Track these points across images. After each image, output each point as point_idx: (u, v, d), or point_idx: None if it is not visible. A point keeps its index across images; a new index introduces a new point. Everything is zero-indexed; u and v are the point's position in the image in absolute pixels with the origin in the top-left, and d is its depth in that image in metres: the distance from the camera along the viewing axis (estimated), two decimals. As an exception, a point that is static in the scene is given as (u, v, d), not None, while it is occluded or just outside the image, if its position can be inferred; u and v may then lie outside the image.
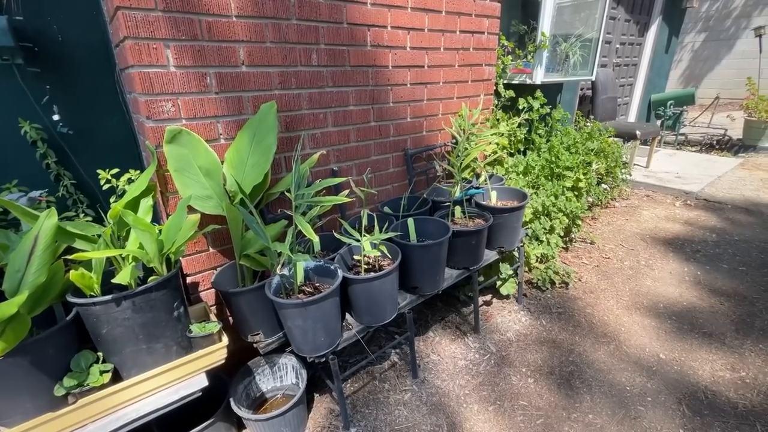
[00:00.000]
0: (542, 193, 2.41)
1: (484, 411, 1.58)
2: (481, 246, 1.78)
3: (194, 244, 1.47)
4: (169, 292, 1.10)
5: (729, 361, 1.77)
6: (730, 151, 5.24)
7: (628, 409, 1.56)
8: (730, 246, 2.75)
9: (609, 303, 2.21)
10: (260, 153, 1.39)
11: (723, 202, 3.48)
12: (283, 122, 1.55)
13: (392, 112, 1.90)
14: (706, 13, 8.22)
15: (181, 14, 1.23)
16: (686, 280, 2.39)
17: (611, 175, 3.39)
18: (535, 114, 2.79)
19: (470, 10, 2.04)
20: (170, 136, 1.28)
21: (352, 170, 1.84)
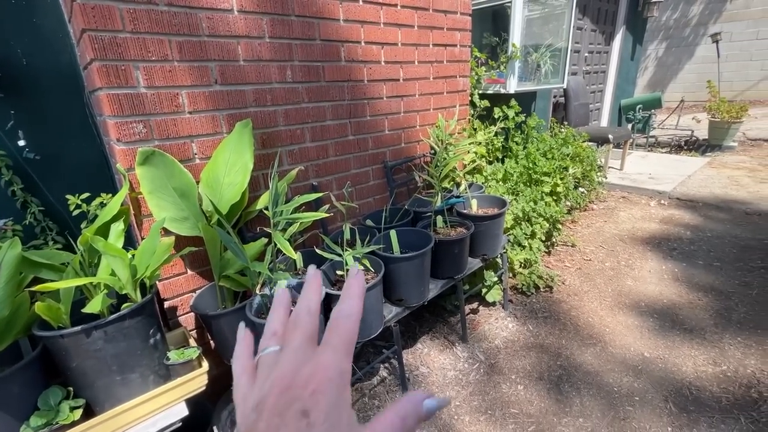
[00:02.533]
0: (522, 199, 2.45)
1: (475, 422, 1.56)
2: (464, 254, 1.79)
3: (171, 268, 1.42)
4: (144, 319, 1.06)
5: (710, 355, 1.81)
6: (698, 151, 5.47)
7: (616, 410, 1.57)
8: (704, 242, 2.85)
9: (593, 304, 2.24)
10: (237, 171, 1.37)
11: (695, 200, 3.61)
12: (260, 139, 1.54)
13: (370, 125, 1.91)
14: (666, 23, 8.66)
15: (151, 35, 1.22)
16: (665, 278, 2.45)
17: (588, 178, 3.48)
18: (511, 122, 2.85)
19: (442, 24, 2.09)
20: (142, 158, 1.25)
21: (332, 184, 1.83)
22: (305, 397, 0.21)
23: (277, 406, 0.21)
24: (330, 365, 0.22)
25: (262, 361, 0.26)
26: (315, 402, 0.20)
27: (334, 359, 0.22)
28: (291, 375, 0.22)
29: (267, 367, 0.25)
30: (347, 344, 0.23)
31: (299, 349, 0.24)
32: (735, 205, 3.43)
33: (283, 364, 0.23)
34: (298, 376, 0.22)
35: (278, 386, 0.22)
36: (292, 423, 0.20)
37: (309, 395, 0.21)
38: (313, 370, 0.22)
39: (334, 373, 0.22)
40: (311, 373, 0.22)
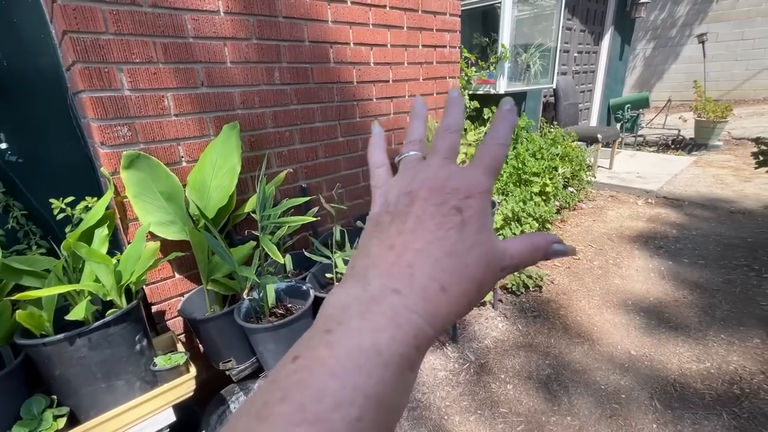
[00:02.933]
0: (511, 200, 2.47)
1: (465, 422, 1.57)
2: (454, 255, 1.80)
3: (158, 272, 1.41)
4: (129, 325, 1.05)
5: (694, 352, 1.84)
6: (684, 150, 5.56)
7: (604, 407, 1.60)
8: (689, 241, 2.90)
9: (581, 303, 2.27)
10: (224, 174, 1.36)
11: (681, 199, 3.67)
12: (248, 142, 1.53)
13: (360, 126, 1.91)
14: (654, 23, 8.78)
15: (135, 37, 1.20)
16: (651, 276, 2.49)
17: (577, 178, 3.52)
18: (501, 123, 2.87)
19: (431, 26, 2.09)
20: (128, 162, 1.23)
21: (322, 186, 1.83)
22: (459, 198, 0.22)
23: (432, 198, 0.22)
24: (481, 180, 0.23)
25: (405, 161, 0.27)
26: (468, 205, 0.22)
27: (484, 176, 0.23)
28: (443, 179, 0.23)
29: (411, 168, 0.26)
30: (496, 167, 0.24)
31: (447, 160, 0.25)
32: (720, 203, 3.50)
33: (432, 168, 0.24)
34: (450, 181, 0.23)
35: (430, 184, 0.23)
36: (448, 215, 0.21)
37: (462, 198, 0.22)
38: (465, 180, 0.23)
39: (485, 188, 0.23)
40: (464, 182, 0.23)
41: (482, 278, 0.21)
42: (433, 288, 0.20)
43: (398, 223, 0.23)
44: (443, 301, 0.20)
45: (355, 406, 0.16)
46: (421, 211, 0.22)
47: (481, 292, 0.21)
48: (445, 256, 0.20)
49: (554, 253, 0.25)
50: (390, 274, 0.20)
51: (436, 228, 0.21)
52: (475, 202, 0.22)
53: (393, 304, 0.19)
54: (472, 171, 0.23)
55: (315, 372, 0.17)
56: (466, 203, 0.22)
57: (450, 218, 0.21)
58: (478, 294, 0.21)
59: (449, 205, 0.22)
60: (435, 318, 0.19)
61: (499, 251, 0.22)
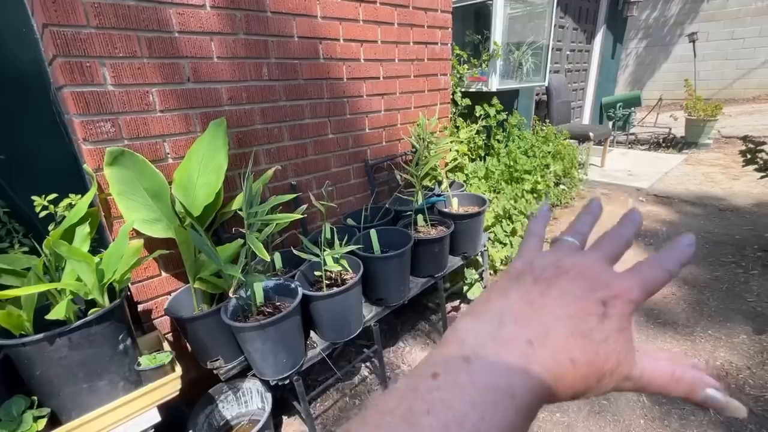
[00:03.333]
0: (503, 197, 2.47)
1: (455, 419, 1.57)
2: (445, 253, 1.80)
3: (144, 270, 1.39)
4: (112, 324, 1.03)
5: (682, 348, 1.86)
6: (675, 148, 5.61)
7: (592, 404, 1.61)
8: (678, 238, 2.92)
9: (571, 300, 2.28)
10: (210, 171, 1.34)
11: (671, 197, 3.71)
12: (235, 138, 1.51)
13: (350, 123, 1.90)
14: (646, 22, 8.84)
15: (117, 31, 1.18)
16: (641, 273, 2.51)
17: (569, 176, 3.53)
18: (493, 120, 2.88)
19: (422, 22, 2.08)
20: (111, 158, 1.21)
21: (311, 184, 1.82)
22: (607, 294, 0.22)
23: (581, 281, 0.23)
24: (633, 290, 0.23)
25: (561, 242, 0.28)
26: (613, 304, 0.22)
27: (637, 289, 0.23)
28: (596, 271, 0.24)
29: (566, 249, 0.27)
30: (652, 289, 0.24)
31: (606, 258, 0.25)
32: (709, 201, 3.54)
33: (588, 258, 0.25)
34: (603, 275, 0.23)
35: (582, 269, 0.24)
36: (592, 302, 0.22)
37: (610, 295, 0.22)
38: (618, 281, 0.23)
39: (634, 299, 0.23)
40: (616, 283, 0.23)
41: (606, 373, 0.21)
42: (564, 355, 0.20)
43: (542, 286, 0.23)
44: (570, 371, 0.20)
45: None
46: (568, 286, 0.23)
47: (599, 385, 0.21)
48: (580, 334, 0.21)
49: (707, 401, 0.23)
50: (526, 325, 0.21)
51: (578, 308, 0.22)
52: (621, 304, 0.22)
53: (526, 353, 0.20)
54: (629, 278, 0.24)
55: (457, 397, 0.18)
56: (612, 301, 0.22)
57: (593, 306, 0.22)
58: (597, 385, 0.21)
59: (596, 295, 0.22)
60: (558, 383, 0.20)
61: (632, 359, 0.22)
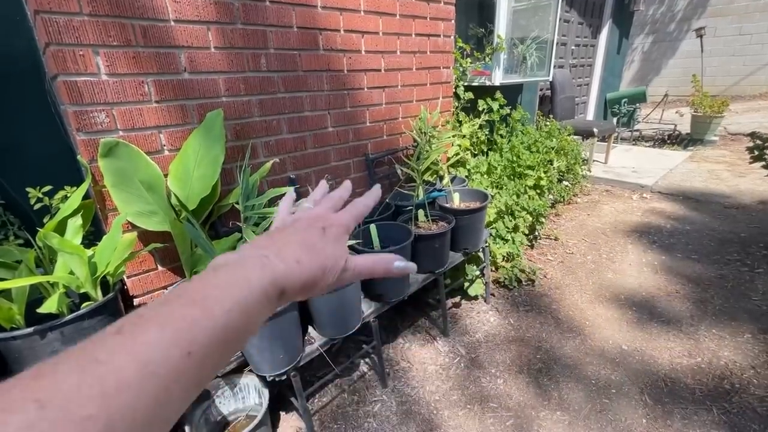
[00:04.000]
0: (505, 193, 2.44)
1: (454, 416, 1.55)
2: (445, 249, 1.77)
3: (140, 263, 1.37)
4: (106, 318, 1.02)
5: (686, 347, 1.83)
6: (680, 145, 5.55)
7: (594, 402, 1.59)
8: (682, 235, 2.89)
9: (574, 297, 2.26)
10: (207, 164, 1.31)
11: (675, 194, 3.66)
12: (233, 130, 1.48)
13: (350, 116, 1.87)
14: (653, 17, 8.72)
15: (111, 18, 1.15)
16: (644, 271, 2.48)
17: (572, 172, 3.49)
18: (496, 115, 2.84)
19: (425, 13, 2.04)
20: (105, 149, 1.19)
21: (311, 177, 1.79)
22: (326, 224, 0.34)
23: (309, 221, 0.34)
24: (345, 219, 0.36)
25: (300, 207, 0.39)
26: (330, 228, 0.34)
27: (348, 218, 0.36)
28: (320, 214, 0.36)
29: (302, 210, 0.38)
30: (357, 216, 0.37)
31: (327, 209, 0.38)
32: (714, 198, 3.49)
33: (315, 209, 0.37)
34: (325, 215, 0.36)
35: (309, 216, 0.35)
36: (314, 231, 0.33)
37: (328, 224, 0.34)
38: (335, 216, 0.36)
39: (345, 223, 0.36)
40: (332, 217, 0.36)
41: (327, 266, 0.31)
42: (291, 259, 0.29)
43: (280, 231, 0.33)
44: (296, 269, 0.29)
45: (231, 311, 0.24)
46: (299, 226, 0.33)
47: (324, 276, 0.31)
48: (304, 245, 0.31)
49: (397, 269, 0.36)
50: (264, 248, 0.29)
51: (306, 234, 0.32)
52: (336, 229, 0.34)
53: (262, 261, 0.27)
54: (341, 213, 0.37)
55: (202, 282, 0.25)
56: (330, 228, 0.34)
57: (316, 231, 0.33)
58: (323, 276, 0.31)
59: (318, 224, 0.34)
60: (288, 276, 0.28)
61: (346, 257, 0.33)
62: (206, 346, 0.21)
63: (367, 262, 0.34)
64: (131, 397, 0.17)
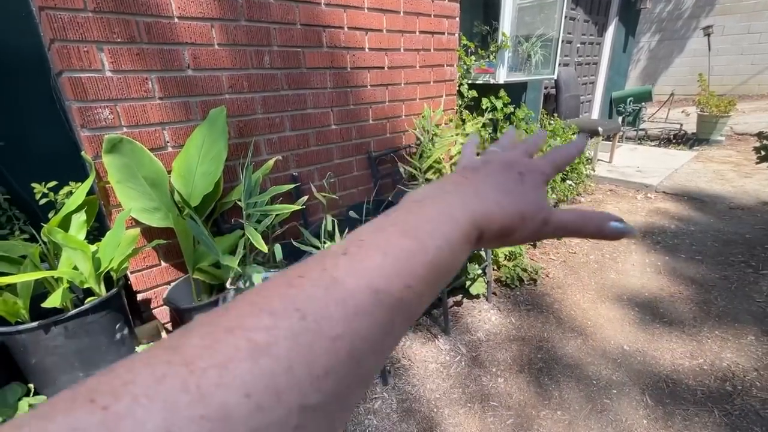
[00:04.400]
0: (508, 192, 2.43)
1: (454, 414, 1.56)
2: (447, 247, 1.77)
3: (144, 259, 1.38)
4: (109, 313, 1.03)
5: (688, 348, 1.83)
6: (686, 145, 5.50)
7: (594, 402, 1.58)
8: (687, 236, 2.87)
9: (576, 297, 2.25)
10: (210, 161, 1.32)
11: (680, 194, 3.64)
12: (236, 127, 1.49)
13: (353, 114, 1.87)
14: (659, 15, 8.63)
15: (115, 15, 1.15)
16: (648, 271, 2.47)
17: (576, 171, 3.48)
18: (500, 113, 2.82)
19: (429, 11, 2.03)
20: (110, 146, 1.20)
21: (313, 175, 1.79)
22: (523, 169, 0.29)
23: (503, 166, 0.29)
24: (545, 166, 0.31)
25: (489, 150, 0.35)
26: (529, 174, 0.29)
27: (548, 165, 0.31)
28: (515, 158, 0.31)
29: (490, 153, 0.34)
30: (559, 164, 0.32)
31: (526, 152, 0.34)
32: (719, 199, 3.47)
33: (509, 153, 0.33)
34: (520, 159, 0.31)
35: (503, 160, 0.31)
36: (512, 173, 0.29)
37: (526, 170, 0.29)
38: (533, 162, 0.31)
39: (545, 171, 0.30)
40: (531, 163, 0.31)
41: (527, 215, 0.27)
42: (491, 200, 0.26)
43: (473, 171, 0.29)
44: (496, 210, 0.26)
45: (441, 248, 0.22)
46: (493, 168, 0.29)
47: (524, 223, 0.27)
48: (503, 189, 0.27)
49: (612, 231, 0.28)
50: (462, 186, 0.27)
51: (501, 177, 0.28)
52: (535, 175, 0.29)
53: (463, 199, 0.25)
54: (541, 160, 0.32)
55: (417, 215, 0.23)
56: (527, 172, 0.29)
57: (513, 175, 0.28)
58: (521, 222, 0.27)
59: (515, 169, 0.29)
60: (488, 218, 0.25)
61: (548, 209, 0.28)
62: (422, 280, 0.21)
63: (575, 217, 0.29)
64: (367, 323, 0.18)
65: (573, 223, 0.28)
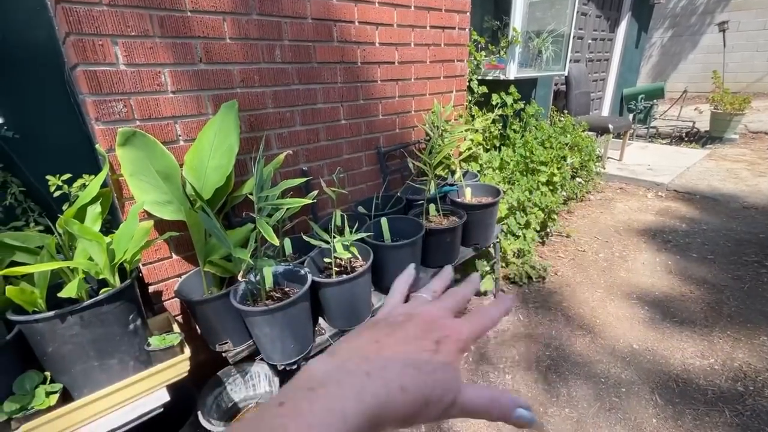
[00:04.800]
0: (517, 189, 2.42)
1: (462, 410, 1.56)
2: (456, 243, 1.77)
3: (155, 252, 1.40)
4: (123, 304, 1.04)
5: (699, 348, 1.81)
6: (698, 143, 5.41)
7: (603, 400, 1.58)
8: (698, 235, 2.83)
9: (585, 295, 2.23)
10: (222, 154, 1.33)
11: (692, 193, 3.59)
12: (247, 122, 1.49)
13: (363, 109, 1.86)
14: (673, 10, 8.48)
15: (130, 9, 1.16)
16: (658, 270, 2.44)
17: (585, 168, 3.44)
18: (510, 109, 2.80)
19: (440, 5, 2.01)
20: (123, 139, 1.21)
21: (323, 170, 1.80)
22: (442, 335, 0.28)
23: (422, 325, 0.28)
24: (464, 333, 0.29)
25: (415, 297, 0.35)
26: (445, 344, 0.27)
27: (468, 333, 0.29)
28: (438, 318, 0.30)
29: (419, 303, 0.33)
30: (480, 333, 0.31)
31: (448, 310, 0.32)
32: (732, 198, 3.41)
33: (434, 308, 0.31)
34: (442, 320, 0.29)
35: (427, 317, 0.30)
36: (427, 342, 0.27)
37: (444, 335, 0.28)
38: (454, 326, 0.29)
39: (463, 340, 0.29)
40: (451, 327, 0.29)
41: (432, 399, 0.25)
42: (395, 384, 0.24)
43: (391, 329, 0.28)
44: (399, 398, 0.23)
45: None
46: (412, 329, 0.28)
47: (427, 408, 0.25)
48: (413, 367, 0.25)
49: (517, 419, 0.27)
50: (369, 360, 0.25)
51: (415, 346, 0.27)
52: (451, 342, 0.28)
53: (363, 382, 0.23)
54: (463, 324, 0.30)
55: (295, 420, 0.21)
56: (445, 340, 0.28)
57: (428, 344, 0.27)
58: (426, 410, 0.25)
59: (432, 335, 0.28)
60: (389, 408, 0.23)
61: (457, 389, 0.26)
62: None
63: (482, 399, 0.27)
64: None
65: (480, 406, 0.26)
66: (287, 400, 0.22)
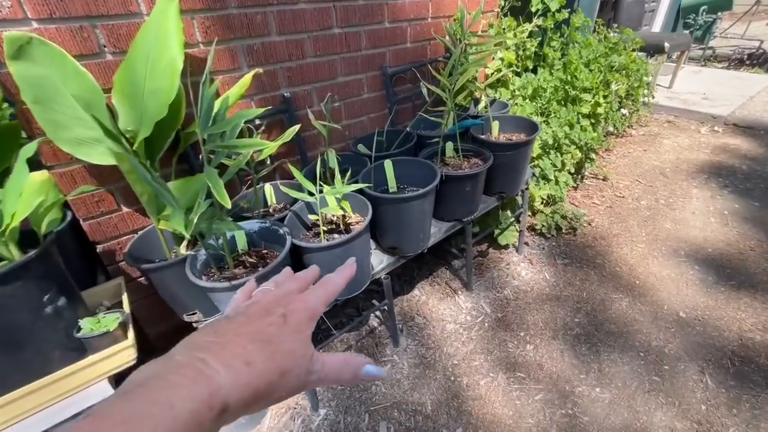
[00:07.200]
0: (554, 122, 1.99)
1: (474, 385, 1.36)
2: (478, 192, 1.43)
3: (97, 204, 1.11)
4: (30, 282, 0.78)
5: (760, 319, 1.53)
6: (762, 67, 4.63)
7: (641, 379, 1.35)
8: (762, 180, 2.41)
9: (622, 251, 1.92)
10: (161, 73, 0.96)
11: (755, 128, 3.06)
12: (201, 27, 1.09)
13: (363, 13, 1.41)
14: None
15: None
16: (712, 222, 2.09)
17: (632, 97, 2.90)
18: (550, 20, 2.23)
19: None
20: (14, 49, 0.85)
21: (311, 96, 1.41)
22: (287, 309, 0.28)
23: (266, 307, 0.28)
24: (310, 302, 0.30)
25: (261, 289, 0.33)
26: (292, 314, 0.28)
27: (314, 301, 0.30)
28: (281, 296, 0.30)
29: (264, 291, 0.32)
30: (327, 299, 0.31)
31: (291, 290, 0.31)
32: (805, 134, 2.89)
33: (276, 291, 0.31)
34: (286, 298, 0.30)
35: (270, 299, 0.29)
36: (273, 318, 0.27)
37: (290, 309, 0.28)
38: (297, 299, 0.30)
39: (311, 308, 0.29)
40: (296, 300, 0.29)
41: (287, 368, 0.25)
42: (239, 361, 0.23)
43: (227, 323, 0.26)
44: (244, 374, 0.23)
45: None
46: (254, 310, 0.28)
47: (282, 380, 0.24)
48: (259, 341, 0.25)
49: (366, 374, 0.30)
50: (201, 348, 0.23)
51: (261, 323, 0.26)
52: (299, 314, 0.28)
53: (198, 369, 0.22)
54: (308, 295, 0.31)
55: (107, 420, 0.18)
56: (292, 314, 0.28)
57: (275, 318, 0.27)
58: (280, 379, 0.24)
59: (278, 310, 0.28)
60: (234, 386, 0.22)
61: (312, 356, 0.27)
62: None
63: (336, 362, 0.28)
64: None
65: (336, 370, 0.28)
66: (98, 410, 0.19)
